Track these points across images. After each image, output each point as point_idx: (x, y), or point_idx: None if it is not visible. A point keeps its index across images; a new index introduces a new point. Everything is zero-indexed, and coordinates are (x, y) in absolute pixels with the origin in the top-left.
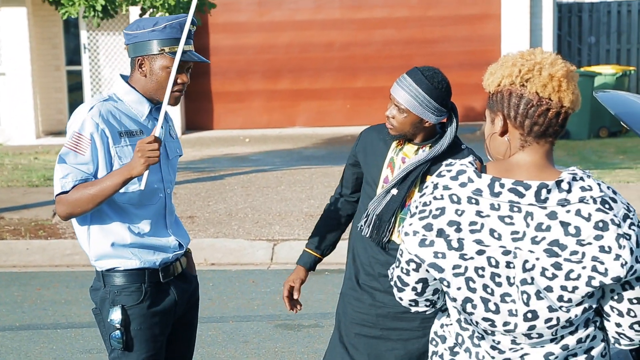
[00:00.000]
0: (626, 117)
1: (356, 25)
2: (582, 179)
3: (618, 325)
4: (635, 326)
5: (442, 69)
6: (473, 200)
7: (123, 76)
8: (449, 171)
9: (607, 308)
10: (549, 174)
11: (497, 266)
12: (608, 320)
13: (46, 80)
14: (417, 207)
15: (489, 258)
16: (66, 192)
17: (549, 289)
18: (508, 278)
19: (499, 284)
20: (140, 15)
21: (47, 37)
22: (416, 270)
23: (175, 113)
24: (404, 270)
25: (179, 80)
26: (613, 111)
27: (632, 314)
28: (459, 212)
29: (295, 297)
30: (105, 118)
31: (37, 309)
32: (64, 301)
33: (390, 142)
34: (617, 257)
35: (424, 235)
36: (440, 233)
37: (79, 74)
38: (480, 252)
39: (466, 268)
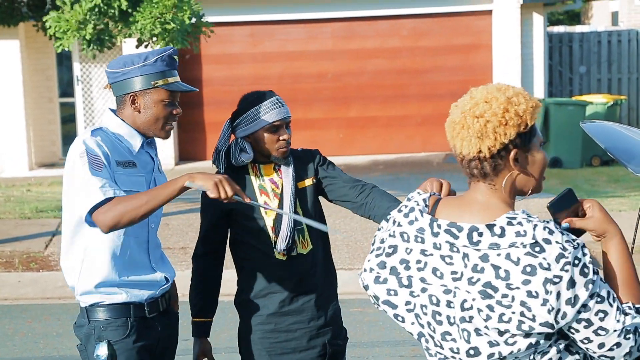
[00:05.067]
0: (612, 148)
1: (348, 55)
2: (520, 223)
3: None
4: (602, 358)
5: (434, 98)
6: (419, 239)
7: (113, 110)
8: (405, 207)
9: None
10: (492, 215)
11: (437, 304)
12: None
13: (39, 112)
14: (374, 243)
15: (430, 296)
16: (101, 204)
17: (486, 328)
18: (448, 317)
19: (440, 322)
20: (137, 47)
21: (40, 69)
22: (379, 305)
23: (169, 144)
24: (375, 305)
25: (174, 112)
26: (600, 143)
27: (590, 351)
28: (408, 251)
29: None
30: (102, 144)
31: (29, 342)
32: (55, 334)
33: (240, 175)
34: (545, 302)
35: (378, 272)
36: (393, 271)
37: (72, 106)
38: (423, 290)
39: (414, 305)
